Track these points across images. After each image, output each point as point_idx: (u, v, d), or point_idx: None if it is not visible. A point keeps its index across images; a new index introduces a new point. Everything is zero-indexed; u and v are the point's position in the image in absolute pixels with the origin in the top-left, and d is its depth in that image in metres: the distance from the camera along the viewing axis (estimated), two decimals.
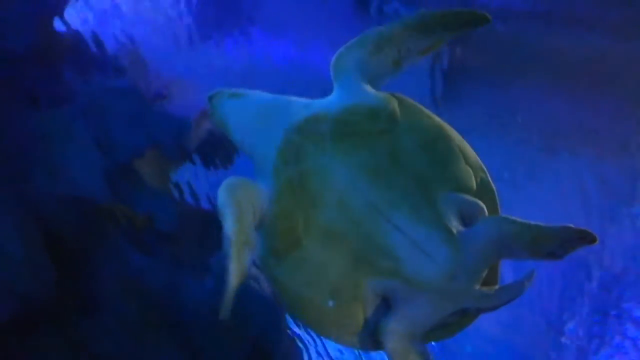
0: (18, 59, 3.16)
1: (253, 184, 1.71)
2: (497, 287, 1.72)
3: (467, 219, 1.72)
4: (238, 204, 1.63)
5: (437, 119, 1.82)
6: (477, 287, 1.67)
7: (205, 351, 3.44)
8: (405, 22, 1.82)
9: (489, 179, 1.82)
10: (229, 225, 1.60)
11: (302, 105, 1.78)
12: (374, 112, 1.73)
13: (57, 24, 3.25)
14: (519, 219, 1.66)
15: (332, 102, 1.78)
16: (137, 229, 3.33)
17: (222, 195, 1.66)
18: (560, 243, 1.59)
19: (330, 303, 1.66)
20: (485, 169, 1.82)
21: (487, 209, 1.74)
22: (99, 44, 3.39)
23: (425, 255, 1.61)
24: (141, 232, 3.32)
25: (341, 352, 4.01)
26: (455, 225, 1.66)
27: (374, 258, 1.62)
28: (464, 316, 1.73)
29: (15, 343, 2.91)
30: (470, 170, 1.76)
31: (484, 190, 1.78)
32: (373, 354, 3.97)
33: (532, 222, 1.65)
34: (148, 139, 3.32)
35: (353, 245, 1.62)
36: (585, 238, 1.59)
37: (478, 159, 1.82)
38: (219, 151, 3.37)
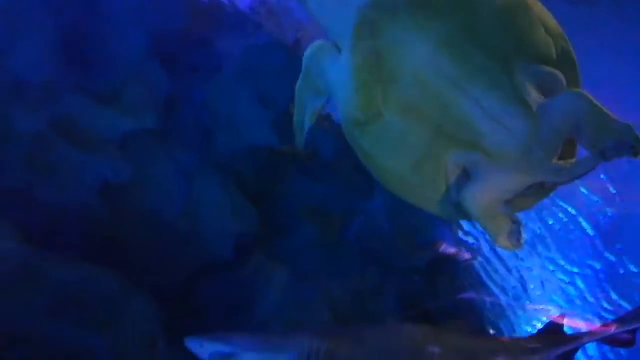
0: (175, 38, 3.66)
1: (334, 51, 1.82)
2: (573, 160, 1.68)
3: (546, 90, 1.65)
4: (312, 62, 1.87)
5: None
6: (554, 161, 1.64)
7: (387, 259, 3.89)
8: None
9: (570, 48, 1.70)
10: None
11: None
12: None
13: None
14: (594, 100, 1.56)
15: None
16: (306, 162, 3.79)
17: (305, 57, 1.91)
18: (616, 141, 1.54)
19: (413, 173, 1.72)
20: (566, 37, 1.71)
21: (567, 79, 1.66)
22: (234, 5, 3.74)
23: (503, 128, 1.60)
24: (310, 164, 3.79)
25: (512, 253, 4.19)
26: (534, 98, 1.60)
27: (453, 131, 1.63)
28: (540, 189, 1.72)
29: (239, 270, 3.67)
30: (550, 40, 1.66)
31: (564, 60, 1.69)
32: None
33: (605, 108, 1.55)
34: None
35: (432, 119, 1.63)
36: (634, 147, 1.50)
37: (559, 27, 1.70)
38: None
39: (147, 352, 2.90)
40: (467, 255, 4.15)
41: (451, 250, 4.03)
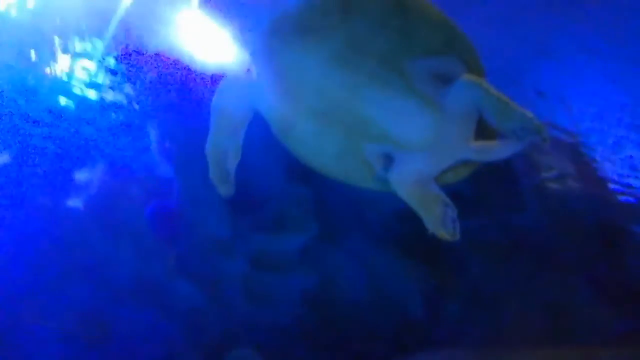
0: None
1: (244, 83, 1.82)
2: (496, 141, 1.74)
3: (446, 78, 1.77)
4: (221, 113, 1.80)
5: None
6: (472, 142, 1.75)
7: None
8: None
9: (459, 32, 1.86)
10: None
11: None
12: (325, 3, 1.81)
13: None
14: (490, 88, 1.71)
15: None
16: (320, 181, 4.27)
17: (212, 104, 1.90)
18: (520, 127, 1.68)
19: (338, 166, 1.84)
20: (452, 23, 1.87)
21: (466, 62, 1.79)
22: None
23: (407, 122, 1.74)
24: (324, 182, 4.22)
25: None
26: (433, 88, 1.75)
27: (362, 130, 1.77)
28: (469, 162, 1.85)
29: None
30: (434, 30, 1.81)
31: (455, 45, 1.85)
32: None
33: (502, 96, 1.69)
34: None
35: (340, 122, 1.77)
36: (539, 133, 1.65)
37: (445, 16, 1.87)
38: None
39: None
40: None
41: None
